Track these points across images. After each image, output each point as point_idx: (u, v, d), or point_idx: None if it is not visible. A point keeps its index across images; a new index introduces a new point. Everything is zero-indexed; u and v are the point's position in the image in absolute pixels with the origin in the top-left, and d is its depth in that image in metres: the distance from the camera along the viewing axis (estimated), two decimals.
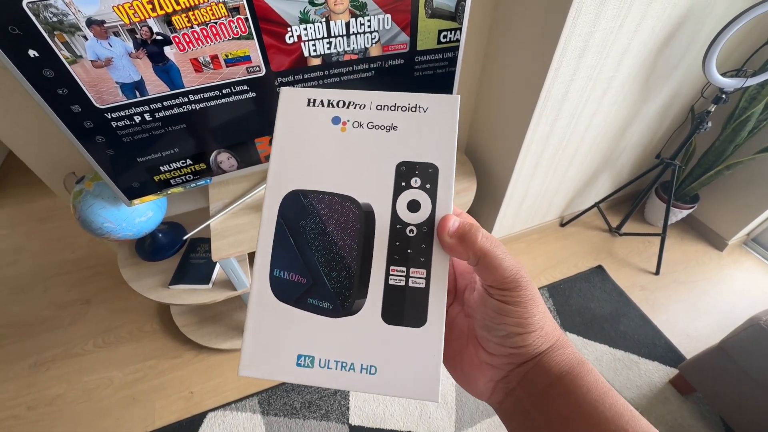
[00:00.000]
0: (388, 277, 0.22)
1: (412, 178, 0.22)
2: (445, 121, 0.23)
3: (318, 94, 0.24)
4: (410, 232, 0.22)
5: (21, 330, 1.35)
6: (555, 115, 1.08)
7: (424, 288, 0.21)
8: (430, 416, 1.12)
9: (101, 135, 0.71)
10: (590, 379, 0.21)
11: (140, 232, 0.93)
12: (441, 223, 0.22)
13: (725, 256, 1.57)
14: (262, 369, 0.22)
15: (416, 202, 0.22)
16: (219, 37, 0.68)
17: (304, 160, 0.23)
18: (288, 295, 0.22)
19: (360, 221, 0.22)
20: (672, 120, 1.37)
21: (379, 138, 0.23)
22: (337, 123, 0.24)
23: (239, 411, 1.13)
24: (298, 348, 0.22)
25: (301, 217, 0.23)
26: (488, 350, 0.22)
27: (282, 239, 0.23)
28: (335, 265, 0.22)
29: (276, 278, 0.23)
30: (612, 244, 1.61)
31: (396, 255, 0.22)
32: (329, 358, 0.21)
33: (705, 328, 1.33)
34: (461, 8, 0.78)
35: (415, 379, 0.21)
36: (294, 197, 0.23)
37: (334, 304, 0.22)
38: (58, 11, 0.56)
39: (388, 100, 0.24)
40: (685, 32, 1.03)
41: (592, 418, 0.19)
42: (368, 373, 0.21)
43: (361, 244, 0.22)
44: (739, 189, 1.45)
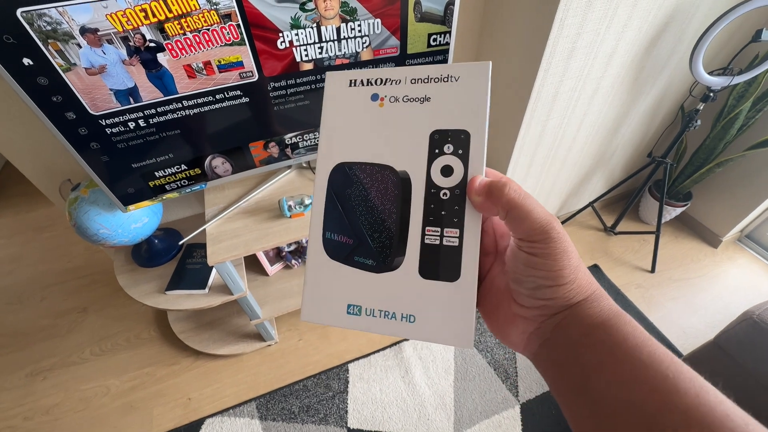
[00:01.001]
0: (424, 236, 0.24)
1: (444, 145, 0.24)
2: (477, 88, 0.24)
3: (358, 75, 0.27)
4: (444, 195, 0.24)
5: (18, 339, 1.34)
6: (546, 116, 1.09)
7: (457, 246, 0.23)
8: (428, 417, 1.12)
9: (96, 141, 0.72)
10: (627, 330, 0.20)
11: (136, 238, 0.93)
12: (468, 185, 0.23)
13: (719, 252, 1.58)
14: (320, 315, 0.25)
15: (449, 167, 0.24)
16: (211, 44, 0.69)
17: (348, 135, 0.26)
18: (338, 254, 0.25)
19: (398, 187, 0.25)
20: (662, 119, 1.39)
21: (414, 110, 0.25)
22: (376, 99, 0.26)
23: (237, 416, 1.13)
24: (347, 298, 0.25)
25: (347, 186, 0.26)
26: (520, 302, 0.23)
27: (331, 206, 0.26)
28: (377, 227, 0.25)
29: (328, 240, 0.26)
30: (607, 243, 1.62)
31: (431, 216, 0.24)
32: (374, 308, 0.24)
33: (701, 324, 1.34)
34: (450, 12, 0.80)
35: (450, 327, 0.23)
36: (340, 169, 0.26)
37: (377, 261, 0.25)
38: (51, 20, 0.57)
39: (421, 73, 0.25)
40: (672, 32, 1.05)
41: (627, 363, 0.19)
42: (408, 321, 0.23)
43: (399, 208, 0.25)
44: (731, 186, 1.46)
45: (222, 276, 0.95)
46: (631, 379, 0.19)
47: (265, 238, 0.91)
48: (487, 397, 1.16)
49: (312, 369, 1.23)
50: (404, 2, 0.75)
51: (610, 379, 0.19)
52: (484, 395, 1.16)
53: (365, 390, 1.18)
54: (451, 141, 0.24)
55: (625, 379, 0.19)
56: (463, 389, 1.18)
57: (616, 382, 0.19)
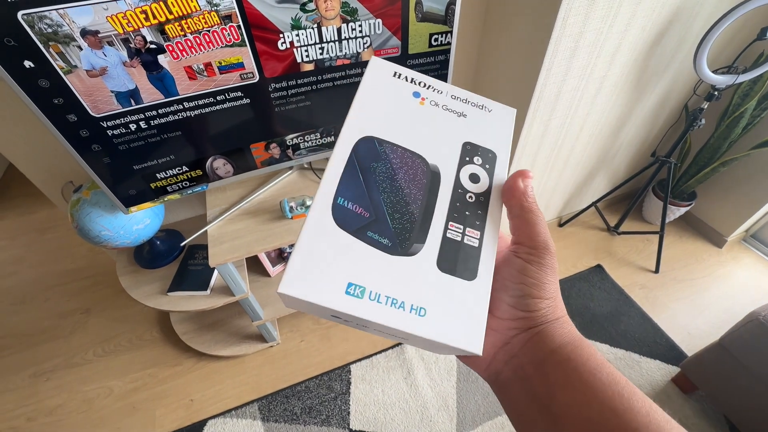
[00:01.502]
0: (446, 230, 0.23)
1: (475, 156, 0.26)
2: (504, 123, 0.27)
3: (404, 71, 0.27)
4: (469, 198, 0.25)
5: (21, 340, 1.35)
6: (548, 115, 1.08)
7: (477, 246, 0.23)
8: (431, 419, 1.12)
9: (97, 143, 0.72)
10: (589, 351, 0.22)
11: (138, 240, 0.93)
12: (522, 170, 0.24)
13: (724, 252, 1.56)
14: (307, 289, 0.20)
15: (477, 175, 0.25)
16: (212, 45, 0.69)
17: (384, 116, 0.26)
18: (348, 224, 0.23)
19: (427, 177, 0.25)
20: (666, 118, 1.38)
21: (451, 119, 0.26)
22: (417, 97, 0.27)
23: (239, 418, 1.13)
24: (350, 276, 0.21)
25: (374, 159, 0.25)
26: (497, 314, 0.24)
27: (351, 173, 0.24)
28: (399, 207, 0.24)
29: (339, 206, 0.23)
30: (611, 243, 1.61)
31: (455, 213, 0.24)
32: (381, 292, 0.21)
33: (706, 325, 1.33)
34: (451, 12, 0.79)
35: (462, 328, 0.22)
36: (369, 141, 0.25)
37: (394, 242, 0.23)
38: (52, 22, 0.57)
39: (462, 94, 0.27)
40: (675, 31, 1.04)
41: (589, 383, 0.21)
42: (417, 314, 0.21)
43: (426, 196, 0.24)
44: (736, 185, 1.45)
45: (224, 277, 0.95)
46: (592, 398, 0.20)
47: (266, 240, 0.91)
48: (490, 398, 1.15)
49: (314, 370, 1.23)
50: (405, 2, 0.75)
51: (574, 397, 0.21)
52: (487, 397, 1.16)
53: (367, 391, 1.17)
54: (481, 155, 0.26)
55: (587, 398, 0.20)
56: (465, 391, 1.17)
57: (579, 402, 0.20)
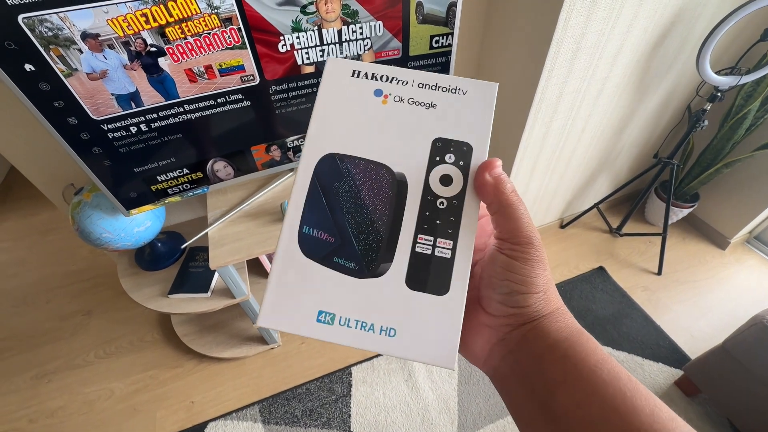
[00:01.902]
0: (415, 244, 0.22)
1: (446, 154, 0.23)
2: (483, 106, 0.24)
3: (363, 67, 0.25)
4: (440, 204, 0.23)
5: (23, 342, 1.35)
6: (550, 116, 1.08)
7: (449, 258, 0.22)
8: (432, 422, 1.11)
9: (98, 146, 0.72)
10: (590, 346, 0.21)
11: (139, 242, 0.93)
12: (487, 162, 0.23)
13: (728, 254, 1.55)
14: (282, 321, 0.22)
15: (449, 177, 0.23)
16: (212, 48, 0.69)
17: (344, 127, 0.24)
18: (315, 252, 0.23)
19: (393, 189, 0.23)
20: (668, 119, 1.37)
21: (418, 113, 0.24)
22: (379, 95, 0.24)
23: (240, 420, 1.13)
24: (319, 304, 0.22)
25: (336, 179, 0.23)
26: (489, 311, 0.23)
27: (314, 198, 0.23)
28: (364, 227, 0.23)
29: (305, 235, 0.23)
30: (613, 244, 1.61)
31: (425, 224, 0.23)
32: (350, 317, 0.22)
33: (709, 327, 1.32)
34: (452, 13, 0.79)
35: (434, 345, 0.21)
36: (330, 159, 0.24)
37: (360, 264, 0.22)
38: (53, 26, 0.57)
39: (430, 80, 0.24)
40: (678, 32, 1.03)
41: (590, 380, 0.19)
42: (387, 335, 0.21)
43: (392, 211, 0.23)
44: (739, 187, 1.44)
45: (224, 279, 0.95)
46: (593, 395, 0.19)
47: (267, 242, 0.91)
48: (492, 401, 1.15)
49: (315, 372, 1.23)
50: (406, 4, 0.75)
51: (573, 395, 0.19)
52: (489, 399, 1.15)
53: (368, 394, 1.17)
54: (453, 151, 0.23)
55: (588, 397, 0.19)
56: (467, 393, 1.17)
57: (579, 400, 0.19)
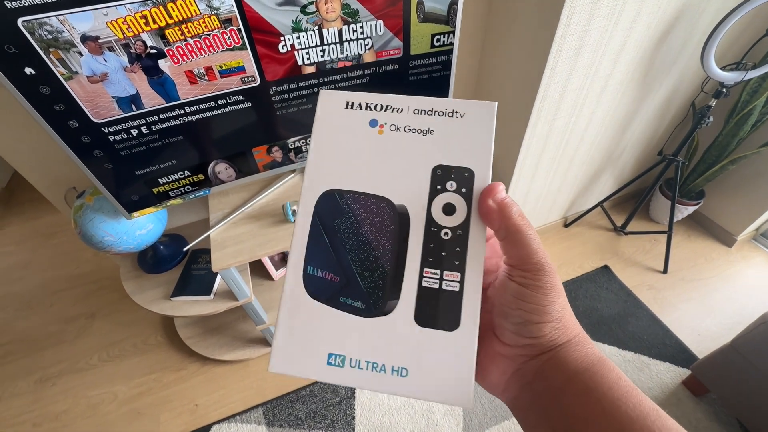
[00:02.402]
0: (421, 279, 0.22)
1: (447, 181, 0.22)
2: (482, 127, 0.23)
3: (356, 97, 0.25)
4: (445, 235, 0.22)
5: (27, 345, 1.35)
6: (553, 114, 1.07)
7: (458, 291, 0.21)
8: (437, 424, 1.10)
9: (99, 149, 0.71)
10: (612, 377, 0.20)
11: (141, 245, 0.93)
12: (489, 187, 0.22)
13: (734, 252, 1.54)
14: (293, 366, 0.21)
15: (451, 206, 0.22)
16: (213, 49, 0.68)
17: (341, 161, 0.24)
18: (321, 293, 0.22)
19: (395, 222, 0.22)
20: (673, 116, 1.36)
21: (416, 141, 0.23)
22: (375, 126, 0.24)
23: (244, 423, 1.12)
24: (329, 346, 0.22)
25: (336, 216, 0.23)
26: (503, 340, 0.22)
27: (316, 237, 0.23)
28: (369, 264, 0.22)
29: (309, 276, 0.23)
30: (617, 243, 1.59)
31: (430, 257, 0.22)
32: (360, 358, 0.21)
33: (716, 326, 1.30)
34: (453, 12, 0.78)
35: (447, 383, 0.20)
36: (329, 196, 0.23)
37: (367, 303, 0.22)
38: (52, 29, 0.57)
39: (426, 105, 0.24)
40: (682, 27, 1.02)
41: (614, 418, 0.18)
42: (399, 375, 0.21)
43: (396, 245, 0.22)
44: (745, 183, 1.42)
45: (227, 282, 0.94)
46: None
47: (269, 244, 0.90)
48: (497, 402, 1.14)
49: None
50: (407, 3, 0.74)
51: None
52: (494, 400, 1.14)
53: (372, 395, 1.16)
54: (455, 178, 0.22)
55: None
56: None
57: None
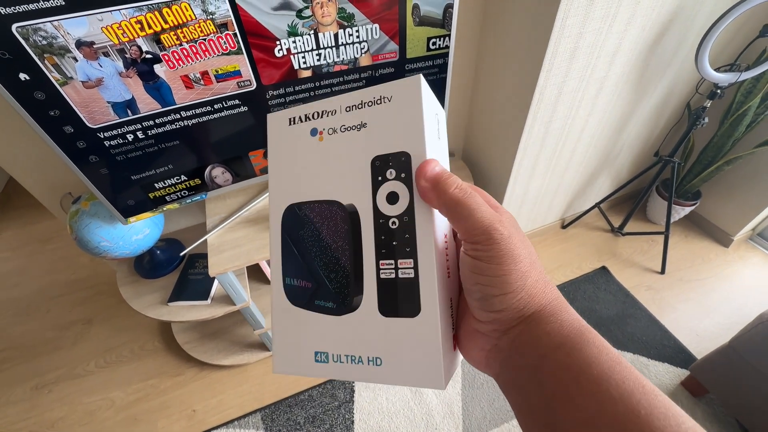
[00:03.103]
0: (379, 271, 0.22)
1: (387, 170, 0.23)
2: (411, 105, 0.22)
3: (296, 112, 0.26)
4: (393, 224, 0.22)
5: (24, 352, 1.34)
6: (549, 116, 1.07)
7: (413, 278, 0.22)
8: (436, 427, 1.10)
9: (94, 154, 0.71)
10: (592, 352, 0.18)
11: (138, 250, 0.93)
12: (420, 166, 0.21)
13: (731, 252, 1.54)
14: (292, 366, 0.24)
15: (394, 194, 0.22)
16: (208, 54, 0.68)
17: (294, 175, 0.25)
18: (299, 300, 0.25)
19: (347, 222, 0.23)
20: (668, 117, 1.37)
21: (352, 139, 0.24)
22: (315, 134, 0.25)
23: (243, 428, 1.11)
24: (314, 345, 0.24)
25: (299, 227, 0.25)
26: (476, 316, 0.22)
27: (287, 250, 0.25)
28: (332, 266, 0.24)
29: (288, 285, 0.25)
30: (615, 244, 1.60)
31: (383, 249, 0.22)
32: (340, 353, 0.23)
33: (714, 326, 1.30)
34: (449, 15, 0.79)
35: (419, 368, 0.21)
36: (290, 211, 0.25)
37: (337, 303, 0.23)
38: (47, 34, 0.57)
39: (354, 99, 0.24)
40: (676, 29, 1.03)
41: (595, 397, 0.17)
42: (375, 365, 0.22)
43: (351, 244, 0.23)
44: (741, 184, 1.43)
45: (224, 286, 0.94)
46: (600, 415, 0.16)
47: (266, 248, 0.90)
48: (496, 405, 1.14)
49: (317, 379, 1.22)
50: (402, 6, 0.74)
51: (577, 415, 0.17)
52: (493, 403, 1.14)
53: (371, 399, 1.16)
54: (393, 165, 0.22)
55: (593, 417, 0.16)
56: (471, 397, 1.16)
57: (583, 420, 0.17)
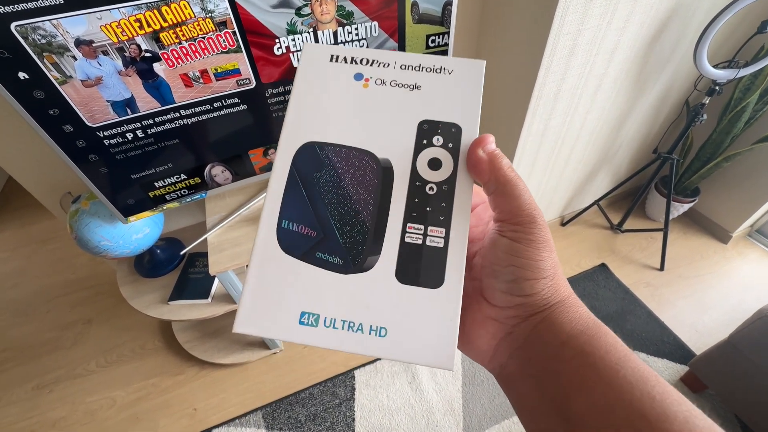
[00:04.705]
0: (404, 234, 0.21)
1: (434, 136, 0.22)
2: (471, 84, 0.22)
3: (342, 51, 0.24)
4: (430, 190, 0.21)
5: (24, 352, 1.34)
6: (548, 114, 1.08)
7: (442, 247, 0.20)
8: (437, 424, 1.10)
9: (94, 154, 0.71)
10: (609, 341, 0.18)
11: (138, 249, 0.93)
12: (479, 138, 0.21)
13: (730, 248, 1.55)
14: (261, 325, 0.20)
15: (437, 161, 0.22)
16: (208, 52, 0.68)
17: (323, 114, 0.23)
18: (295, 248, 0.21)
19: (378, 176, 0.22)
20: (667, 114, 1.37)
21: (402, 96, 0.23)
22: (360, 79, 0.23)
23: (244, 426, 1.12)
24: (302, 304, 0.20)
25: (316, 168, 0.22)
26: (493, 302, 0.21)
27: (293, 190, 0.22)
28: (349, 219, 0.21)
29: (284, 230, 0.22)
30: (614, 241, 1.60)
31: (414, 212, 0.21)
32: (336, 317, 0.20)
33: (713, 322, 1.31)
34: (448, 12, 0.79)
35: (429, 344, 0.19)
36: (310, 148, 0.22)
37: (345, 259, 0.21)
38: (46, 33, 0.57)
39: (413, 61, 0.23)
40: (675, 26, 1.03)
41: (612, 383, 0.17)
42: (377, 335, 0.20)
43: (378, 199, 0.21)
44: (739, 180, 1.43)
45: (224, 285, 0.94)
46: (616, 400, 0.17)
47: None
48: (497, 401, 1.14)
49: (318, 376, 1.22)
50: (401, 4, 0.74)
51: (593, 400, 0.17)
52: (494, 400, 1.15)
53: (372, 397, 1.16)
54: (441, 133, 0.22)
55: (610, 402, 0.17)
56: (471, 394, 1.16)
57: (599, 405, 0.17)
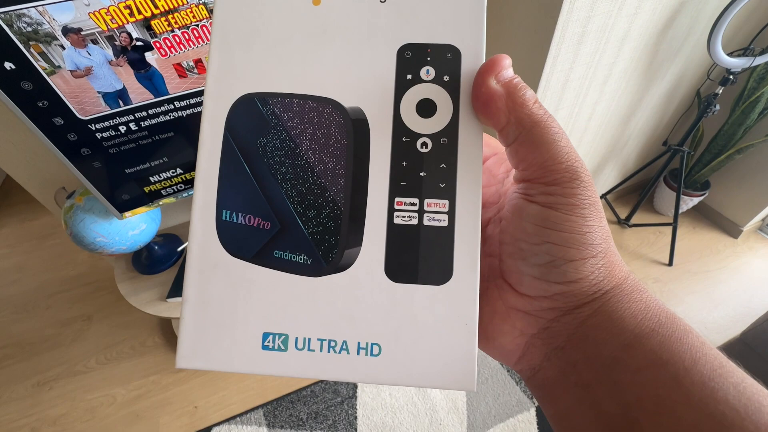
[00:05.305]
0: (392, 213, 0.15)
1: (422, 67, 0.16)
2: None
3: None
4: (423, 147, 0.15)
5: (24, 349, 1.33)
6: (555, 105, 1.04)
7: (446, 227, 0.15)
8: (440, 422, 1.09)
9: (86, 147, 0.69)
10: (692, 342, 0.13)
11: (134, 246, 0.91)
12: (490, 61, 0.14)
13: (740, 243, 1.51)
14: (212, 357, 0.15)
15: (429, 102, 0.15)
16: (202, 40, 0.65)
17: (260, 50, 0.16)
18: (245, 248, 0.16)
19: (347, 134, 0.16)
20: (678, 105, 1.33)
21: (371, 11, 0.16)
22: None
23: (245, 424, 1.11)
24: (263, 323, 0.15)
25: (260, 132, 0.16)
26: (520, 290, 0.16)
27: (232, 167, 0.16)
28: (313, 200, 0.16)
29: (225, 223, 0.16)
30: (621, 235, 1.57)
31: (403, 181, 0.15)
32: (310, 336, 0.15)
33: (723, 319, 1.28)
34: None
35: (439, 361, 0.15)
36: (247, 104, 0.16)
37: (314, 256, 0.16)
38: (32, 20, 0.54)
39: None
40: (688, 12, 0.99)
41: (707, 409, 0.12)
42: (368, 355, 0.15)
43: (351, 168, 0.15)
44: (751, 173, 1.40)
45: None
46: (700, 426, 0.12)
47: None
48: (501, 400, 1.12)
49: None
50: None
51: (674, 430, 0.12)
52: (498, 398, 1.13)
53: (374, 395, 1.15)
54: (432, 62, 0.15)
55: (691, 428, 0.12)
56: (475, 392, 1.14)
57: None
